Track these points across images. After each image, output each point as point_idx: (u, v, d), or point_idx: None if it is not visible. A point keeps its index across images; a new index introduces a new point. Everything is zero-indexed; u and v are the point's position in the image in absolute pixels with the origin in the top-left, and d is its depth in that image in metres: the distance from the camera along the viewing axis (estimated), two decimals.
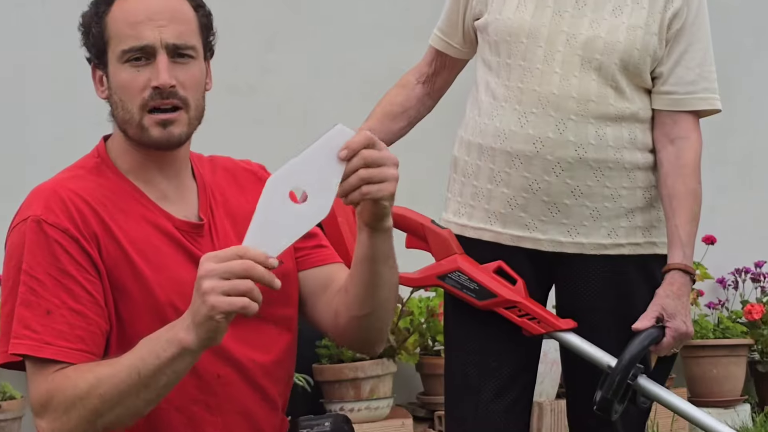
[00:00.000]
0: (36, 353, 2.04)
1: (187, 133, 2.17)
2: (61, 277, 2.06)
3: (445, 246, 2.77)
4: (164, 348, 1.96)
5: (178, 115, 2.14)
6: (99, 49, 2.17)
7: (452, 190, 2.89)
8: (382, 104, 2.98)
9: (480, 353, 2.81)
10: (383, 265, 2.13)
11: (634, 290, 2.80)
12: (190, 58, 2.16)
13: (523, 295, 2.74)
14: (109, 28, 2.16)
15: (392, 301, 2.21)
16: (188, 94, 2.15)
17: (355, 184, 2.00)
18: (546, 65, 2.74)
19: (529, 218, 2.77)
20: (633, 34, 2.74)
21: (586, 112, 2.73)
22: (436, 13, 2.97)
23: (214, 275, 1.90)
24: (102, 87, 2.20)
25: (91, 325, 2.07)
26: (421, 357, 4.82)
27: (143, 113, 2.13)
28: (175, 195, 2.21)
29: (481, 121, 2.81)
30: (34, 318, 2.05)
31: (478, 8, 2.84)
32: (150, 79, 2.12)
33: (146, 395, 1.99)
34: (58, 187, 2.13)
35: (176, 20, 2.15)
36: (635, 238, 2.81)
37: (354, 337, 2.24)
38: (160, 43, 2.12)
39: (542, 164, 2.74)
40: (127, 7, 2.16)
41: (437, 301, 4.81)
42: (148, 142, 2.14)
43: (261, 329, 2.21)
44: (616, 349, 2.69)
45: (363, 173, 2.00)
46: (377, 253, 2.11)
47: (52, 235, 2.07)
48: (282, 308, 2.24)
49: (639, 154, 2.79)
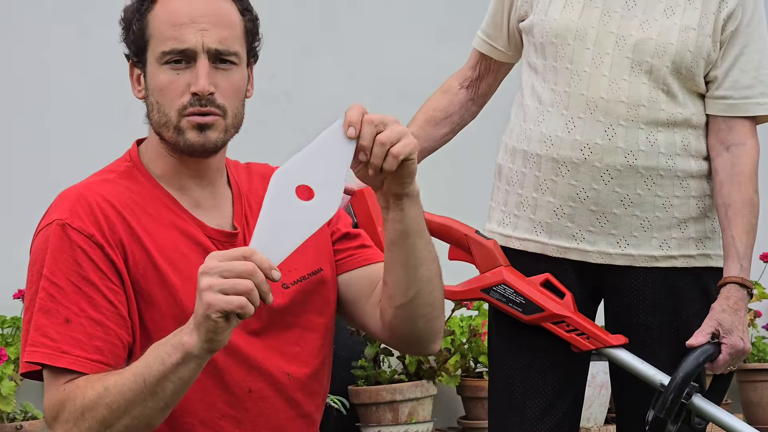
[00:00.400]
0: (52, 362, 1.99)
1: (224, 140, 2.11)
2: (82, 284, 2.01)
3: (490, 257, 2.70)
4: (169, 353, 1.90)
5: (215, 120, 2.09)
6: (138, 47, 2.12)
7: (496, 199, 2.82)
8: (424, 110, 2.92)
9: (525, 370, 2.75)
10: (418, 236, 2.05)
11: (688, 305, 2.73)
12: (232, 64, 2.10)
13: (571, 310, 2.67)
14: (150, 26, 2.10)
15: (436, 280, 2.12)
16: (227, 102, 2.09)
17: (381, 152, 1.94)
18: (594, 68, 2.67)
19: (576, 228, 2.70)
20: (685, 35, 2.67)
21: (637, 118, 2.66)
22: (474, 16, 2.91)
23: (215, 272, 1.83)
24: (139, 86, 2.15)
25: (110, 335, 2.01)
26: (462, 379, 4.76)
27: (180, 117, 2.07)
28: (209, 203, 2.15)
29: (526, 126, 2.74)
30: (51, 326, 2.00)
31: (523, 9, 2.78)
32: (189, 83, 2.07)
33: (153, 403, 1.92)
34: (85, 191, 2.08)
35: (220, 24, 2.09)
36: (688, 249, 2.73)
37: (404, 332, 2.15)
38: (202, 48, 2.07)
39: (590, 171, 2.67)
40: (171, 6, 2.10)
41: (480, 320, 4.77)
42: (183, 146, 2.09)
43: (295, 339, 2.15)
44: (669, 366, 2.63)
45: (382, 137, 1.94)
46: (410, 223, 2.03)
47: (76, 241, 2.02)
48: (318, 316, 2.18)
49: (692, 161, 2.71)
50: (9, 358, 4.21)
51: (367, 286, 2.21)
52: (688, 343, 2.63)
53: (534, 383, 2.74)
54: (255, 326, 2.11)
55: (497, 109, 3.01)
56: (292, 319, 2.15)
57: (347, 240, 2.23)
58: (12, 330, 4.40)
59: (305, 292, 2.16)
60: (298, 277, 2.17)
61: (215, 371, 2.07)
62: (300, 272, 2.17)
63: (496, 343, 2.81)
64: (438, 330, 2.18)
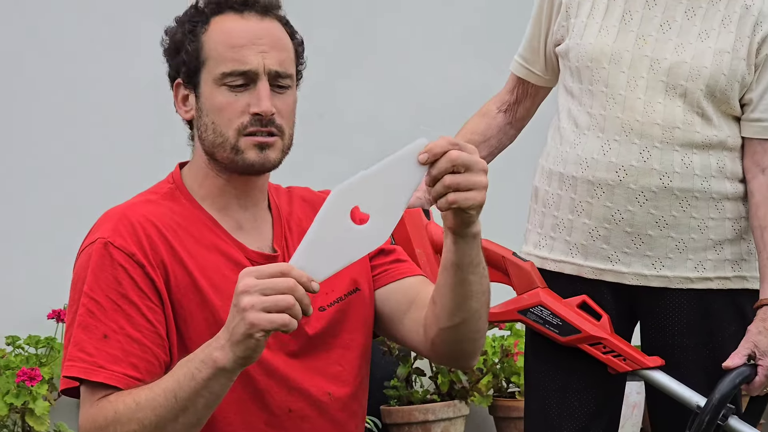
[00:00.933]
0: (88, 376, 1.99)
1: (280, 160, 2.13)
2: (121, 301, 2.02)
3: (527, 279, 2.70)
4: (199, 369, 1.90)
5: (275, 140, 2.10)
6: (191, 68, 2.12)
7: (532, 221, 2.83)
8: (463, 133, 2.93)
9: (561, 391, 2.75)
10: (471, 273, 2.03)
11: (723, 327, 2.73)
12: (287, 87, 2.12)
13: (608, 331, 2.67)
14: (206, 47, 2.11)
15: (484, 310, 2.12)
16: (284, 123, 2.11)
17: (440, 192, 1.91)
18: (629, 91, 2.68)
19: (611, 250, 2.70)
20: (720, 59, 2.67)
21: (672, 140, 2.66)
22: (508, 38, 2.91)
23: (255, 291, 1.83)
24: (185, 107, 2.15)
25: (146, 353, 2.02)
26: (494, 399, 4.75)
27: (239, 136, 2.08)
28: (250, 225, 2.16)
29: (562, 149, 2.75)
30: (89, 341, 2.01)
31: (559, 33, 2.79)
32: (249, 104, 2.08)
33: (185, 419, 1.92)
34: (128, 211, 2.09)
35: (278, 47, 2.11)
36: (724, 271, 2.73)
37: (446, 350, 2.15)
38: (263, 69, 2.08)
39: (625, 193, 2.68)
40: (228, 27, 2.11)
41: (512, 340, 4.76)
42: (242, 165, 2.09)
43: (336, 359, 2.15)
44: (705, 388, 2.63)
45: (448, 180, 1.90)
46: (463, 259, 2.02)
47: (117, 259, 2.03)
48: (357, 335, 2.19)
49: (728, 183, 2.71)
50: (43, 378, 4.23)
51: (403, 301, 2.20)
52: (725, 365, 2.62)
53: (570, 405, 2.74)
54: (294, 348, 2.11)
55: (535, 132, 3.01)
56: (331, 340, 2.15)
57: (383, 256, 2.23)
58: (46, 350, 4.42)
59: (343, 312, 2.17)
60: (335, 299, 2.17)
61: (255, 391, 2.07)
62: (336, 293, 2.17)
63: (532, 364, 2.81)
64: (478, 349, 2.18)
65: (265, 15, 2.13)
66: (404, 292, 2.21)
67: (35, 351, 4.41)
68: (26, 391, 4.22)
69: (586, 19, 2.73)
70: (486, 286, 2.09)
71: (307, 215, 2.23)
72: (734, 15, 2.68)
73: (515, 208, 3.64)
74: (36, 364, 4.32)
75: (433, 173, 1.90)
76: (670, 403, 2.67)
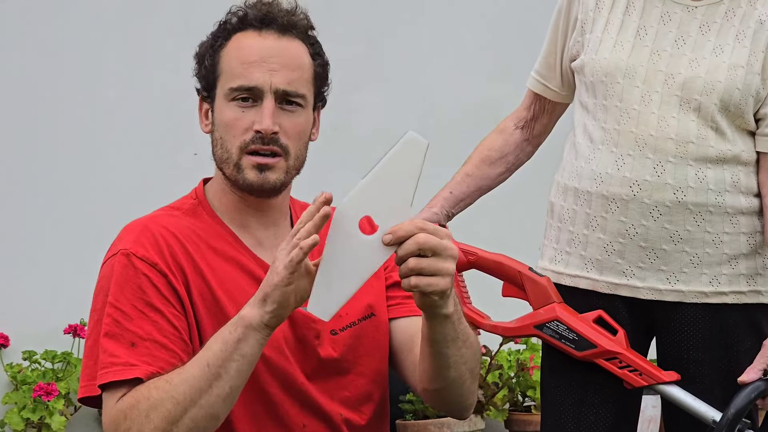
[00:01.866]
0: (122, 375, 2.00)
1: (284, 181, 2.13)
2: (146, 309, 2.04)
3: (543, 294, 2.69)
4: (230, 331, 1.93)
5: (276, 161, 2.10)
6: (209, 82, 2.15)
7: (548, 236, 2.83)
8: (480, 149, 2.93)
9: (577, 406, 2.74)
10: (446, 347, 2.03)
11: (739, 341, 2.72)
12: (297, 106, 2.13)
13: (624, 346, 2.66)
14: (222, 62, 2.14)
15: (466, 377, 2.11)
16: (290, 143, 2.11)
17: (404, 273, 1.90)
18: (643, 106, 2.68)
19: (626, 265, 2.70)
20: (734, 73, 2.66)
21: (686, 154, 2.66)
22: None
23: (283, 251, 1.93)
24: (206, 121, 2.17)
25: (173, 359, 2.03)
26: (510, 413, 4.73)
27: (242, 154, 2.08)
28: (270, 243, 2.17)
29: (577, 164, 2.75)
30: (119, 348, 2.02)
31: (575, 49, 2.79)
32: (254, 121, 2.09)
33: (218, 389, 1.93)
34: (150, 222, 2.12)
35: (290, 66, 2.11)
36: (739, 286, 2.72)
37: (434, 405, 2.19)
38: (269, 87, 2.09)
39: (639, 208, 2.67)
40: (244, 44, 2.13)
41: (527, 354, 4.75)
42: (243, 184, 2.11)
43: (344, 383, 2.16)
44: (720, 402, 2.62)
45: (412, 263, 1.89)
46: (436, 336, 2.02)
47: (140, 269, 2.05)
48: (371, 360, 2.20)
49: (742, 198, 2.71)
50: (59, 393, 4.25)
51: (409, 339, 2.21)
52: (740, 380, 2.61)
53: (586, 420, 2.73)
54: (308, 370, 2.12)
55: (552, 148, 3.01)
56: (343, 365, 2.16)
57: (397, 288, 2.23)
58: (62, 365, 4.43)
59: (356, 338, 2.17)
60: (349, 323, 2.17)
61: (271, 404, 2.09)
62: (350, 318, 2.17)
63: (548, 379, 2.80)
64: (467, 407, 2.18)
65: (283, 34, 2.13)
66: (412, 332, 2.21)
67: (52, 366, 4.43)
68: (42, 406, 4.23)
69: (601, 35, 2.73)
70: (468, 356, 2.07)
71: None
72: (749, 30, 2.68)
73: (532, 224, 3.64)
74: (52, 379, 4.33)
75: (399, 254, 1.88)
76: (686, 417, 2.66)
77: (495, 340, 4.57)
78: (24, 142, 4.62)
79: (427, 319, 1.99)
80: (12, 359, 4.45)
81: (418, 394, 2.19)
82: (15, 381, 4.35)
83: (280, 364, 2.10)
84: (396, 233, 1.88)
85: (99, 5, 4.74)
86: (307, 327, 2.12)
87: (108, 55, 4.74)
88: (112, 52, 4.75)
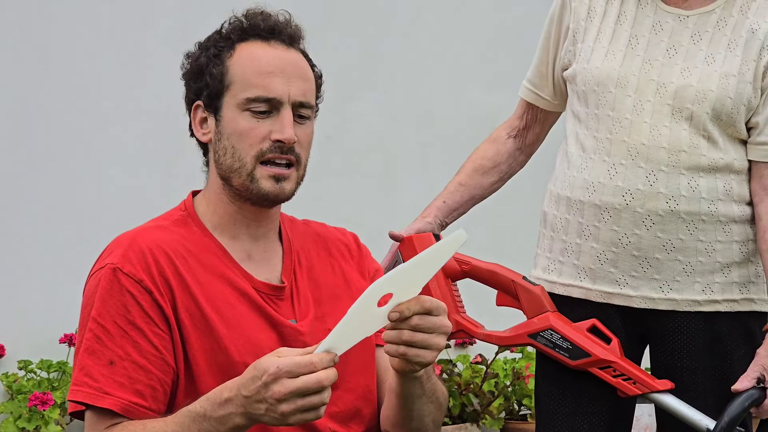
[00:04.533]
0: (94, 402, 2.01)
1: (294, 192, 2.15)
2: (128, 328, 2.03)
3: (537, 303, 2.70)
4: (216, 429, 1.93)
5: (291, 172, 2.12)
6: (213, 92, 2.13)
7: (541, 245, 2.83)
8: (473, 158, 2.94)
9: (571, 415, 2.75)
10: (413, 403, 2.07)
11: (732, 349, 2.72)
12: (307, 118, 2.14)
13: (617, 355, 2.67)
14: (231, 71, 2.13)
15: (427, 428, 2.15)
16: (302, 152, 2.14)
17: (394, 341, 1.94)
18: (635, 115, 2.68)
19: (619, 274, 2.70)
20: (725, 82, 2.67)
21: (678, 163, 2.66)
22: (517, 61, 2.92)
23: (292, 395, 1.85)
24: (203, 129, 2.16)
25: (152, 381, 2.03)
26: (506, 422, 4.74)
27: (256, 163, 2.09)
28: (259, 256, 2.17)
29: (570, 173, 2.75)
30: (95, 367, 2.02)
31: (566, 58, 2.80)
32: (271, 131, 2.10)
33: None
34: (139, 236, 2.11)
35: (302, 77, 2.14)
36: (732, 294, 2.72)
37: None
38: (288, 98, 2.11)
39: (632, 217, 2.67)
40: (255, 54, 2.13)
41: (523, 363, 4.75)
42: (256, 194, 2.11)
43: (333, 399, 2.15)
44: (714, 411, 2.62)
45: (406, 336, 1.93)
46: (405, 393, 2.06)
47: (125, 285, 2.05)
48: (358, 377, 2.20)
49: (735, 206, 2.71)
50: (55, 403, 4.25)
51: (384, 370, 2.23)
52: (734, 388, 2.61)
53: (580, 428, 2.73)
54: None
55: (544, 157, 3.02)
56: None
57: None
58: (58, 374, 4.43)
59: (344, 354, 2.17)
60: None
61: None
62: None
63: (542, 387, 2.80)
64: None
65: (290, 45, 2.15)
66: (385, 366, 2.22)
67: (47, 375, 4.43)
68: (38, 416, 4.23)
69: (593, 44, 2.74)
70: (431, 410, 2.11)
71: (318, 250, 2.24)
72: (740, 39, 2.69)
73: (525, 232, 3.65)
74: (48, 388, 4.34)
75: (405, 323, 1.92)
76: (680, 426, 2.66)
77: (491, 348, 4.59)
78: (19, 152, 4.63)
79: (399, 377, 2.04)
80: (7, 369, 4.46)
81: None
82: (11, 390, 4.35)
83: None
84: (403, 313, 1.92)
85: (94, 14, 4.75)
86: (295, 340, 2.13)
87: (103, 65, 4.75)
88: (108, 61, 4.76)
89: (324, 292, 2.21)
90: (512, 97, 3.00)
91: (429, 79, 5.26)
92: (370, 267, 2.30)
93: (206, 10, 4.31)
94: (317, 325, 2.17)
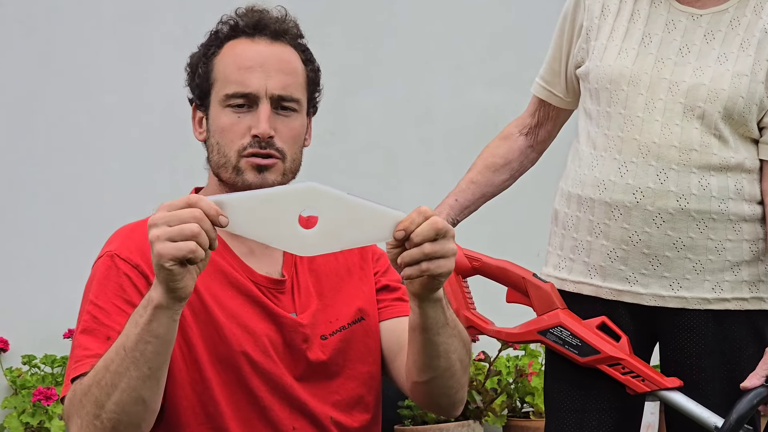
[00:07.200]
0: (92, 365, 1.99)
1: (282, 183, 2.15)
2: (125, 306, 2.05)
3: (547, 300, 2.70)
4: (140, 314, 1.89)
5: (274, 163, 2.13)
6: (203, 91, 2.17)
7: (552, 243, 2.84)
8: (484, 156, 2.94)
9: (580, 412, 2.75)
10: (436, 334, 2.03)
11: (741, 347, 2.72)
12: (292, 111, 2.15)
13: (627, 352, 2.67)
14: (216, 70, 2.16)
15: (457, 367, 2.11)
16: (285, 146, 2.13)
17: (416, 258, 1.89)
18: (647, 113, 2.68)
19: (629, 271, 2.71)
20: (738, 81, 2.67)
21: (689, 162, 2.67)
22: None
23: (161, 222, 1.82)
24: (200, 129, 2.20)
25: None
26: (509, 419, 4.73)
27: (240, 157, 2.10)
28: (261, 251, 2.19)
29: (581, 171, 2.76)
30: (94, 342, 2.02)
31: (579, 56, 2.80)
32: (250, 126, 2.12)
33: (137, 371, 1.90)
34: (139, 227, 2.13)
35: (284, 71, 2.14)
36: (741, 293, 2.73)
37: (423, 401, 2.17)
38: (265, 93, 2.12)
39: (642, 215, 2.68)
40: (238, 51, 2.15)
41: (526, 360, 4.75)
42: (242, 186, 2.12)
43: (335, 387, 2.18)
44: (722, 408, 2.62)
45: (428, 248, 1.89)
46: (428, 322, 2.02)
47: (122, 269, 2.07)
48: (361, 365, 2.21)
49: (746, 205, 2.72)
50: (59, 397, 4.25)
51: (396, 341, 2.22)
52: (742, 386, 2.62)
53: (588, 425, 2.74)
54: (297, 373, 2.14)
55: (554, 155, 3.03)
56: (333, 369, 2.17)
57: (386, 291, 2.26)
58: (62, 369, 4.43)
59: (346, 341, 2.19)
60: (338, 327, 2.19)
61: (260, 407, 2.10)
62: (340, 322, 2.19)
63: (551, 384, 2.81)
64: (457, 403, 2.17)
65: (275, 40, 2.16)
66: (399, 333, 2.21)
67: (51, 370, 4.43)
68: (42, 411, 4.23)
69: (606, 42, 2.74)
70: (456, 345, 2.07)
71: None
72: (753, 39, 2.69)
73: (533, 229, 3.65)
74: (52, 383, 4.34)
75: (416, 241, 1.88)
76: (689, 423, 2.67)
77: (494, 346, 4.59)
78: (21, 147, 4.63)
79: (421, 305, 1.98)
80: (11, 364, 4.46)
81: (407, 392, 2.18)
82: (14, 385, 4.35)
83: (268, 367, 2.11)
84: (408, 228, 1.88)
85: (97, 11, 4.75)
86: (294, 331, 2.14)
87: (105, 61, 4.75)
88: (110, 57, 4.76)
89: (325, 283, 2.22)
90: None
91: (430, 77, 5.26)
92: (374, 250, 2.31)
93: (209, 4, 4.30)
94: (320, 316, 2.19)
